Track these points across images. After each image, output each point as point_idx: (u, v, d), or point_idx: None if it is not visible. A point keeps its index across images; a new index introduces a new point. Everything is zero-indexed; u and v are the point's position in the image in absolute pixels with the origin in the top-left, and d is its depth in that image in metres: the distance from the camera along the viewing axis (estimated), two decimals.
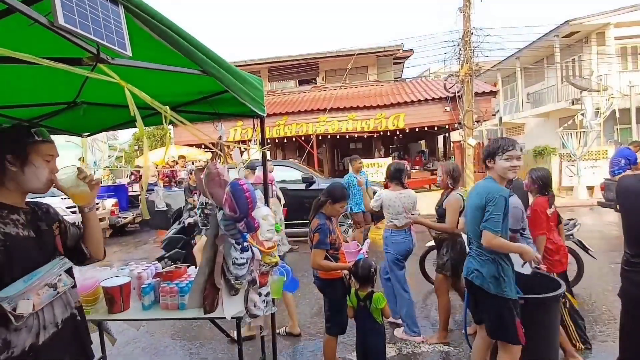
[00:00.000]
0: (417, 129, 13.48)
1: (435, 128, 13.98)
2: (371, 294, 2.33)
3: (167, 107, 1.41)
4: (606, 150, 11.20)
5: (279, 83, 17.76)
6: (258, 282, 1.97)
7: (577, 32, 14.97)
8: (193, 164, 9.94)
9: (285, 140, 14.19)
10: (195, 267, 2.59)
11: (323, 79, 17.26)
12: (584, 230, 7.56)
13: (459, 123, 12.13)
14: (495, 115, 15.10)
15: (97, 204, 8.36)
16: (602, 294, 3.97)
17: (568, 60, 16.22)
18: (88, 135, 2.98)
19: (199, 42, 1.52)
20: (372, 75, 16.93)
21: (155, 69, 1.46)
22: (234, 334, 2.32)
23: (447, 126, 13.73)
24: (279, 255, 2.51)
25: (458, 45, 11.86)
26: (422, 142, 20.53)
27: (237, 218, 1.60)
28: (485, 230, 2.01)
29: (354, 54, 14.68)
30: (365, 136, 13.91)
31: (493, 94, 13.39)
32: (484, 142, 14.57)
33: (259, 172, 4.01)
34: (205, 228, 2.34)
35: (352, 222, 7.02)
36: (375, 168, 13.34)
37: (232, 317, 1.99)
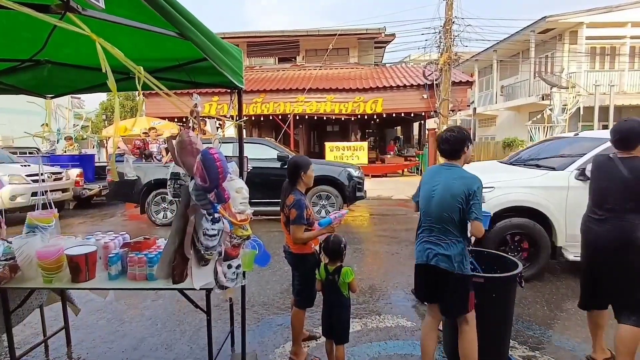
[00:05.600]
0: (394, 115, 13.61)
1: (412, 115, 14.17)
2: (340, 268, 2.39)
3: (141, 67, 1.35)
4: None
5: (258, 59, 17.31)
6: (227, 254, 1.97)
7: (553, 29, 15.43)
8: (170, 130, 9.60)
9: (261, 119, 13.96)
10: None
11: (303, 58, 16.97)
12: None
13: (435, 111, 12.34)
14: (470, 105, 15.47)
15: (60, 173, 7.99)
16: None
17: (542, 56, 16.74)
18: (52, 97, 2.82)
19: (177, 3, 1.46)
20: (352, 57, 16.80)
21: (130, 26, 1.39)
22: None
23: (423, 113, 13.95)
24: None
25: (439, 33, 11.93)
26: (398, 128, 20.82)
27: (207, 188, 1.58)
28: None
29: (335, 34, 14.47)
30: (342, 119, 13.91)
31: (469, 84, 13.67)
32: None
33: None
34: (177, 200, 2.30)
35: (325, 203, 7.09)
36: (351, 151, 13.45)
37: (201, 288, 1.99)
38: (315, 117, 13.63)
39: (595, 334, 2.61)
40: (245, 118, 2.75)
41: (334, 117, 13.67)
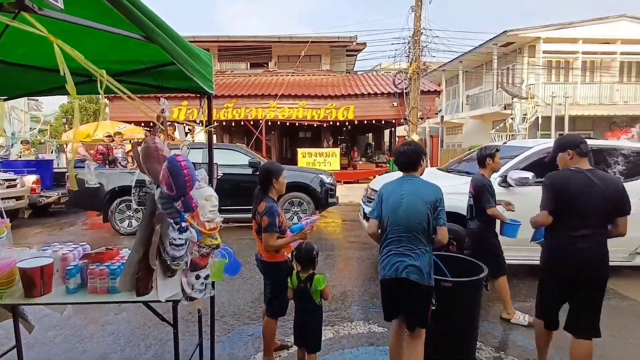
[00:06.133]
0: (365, 122, 13.81)
1: (383, 122, 14.44)
2: (312, 275, 2.38)
3: (104, 71, 1.30)
4: None
5: (230, 64, 17.10)
6: (195, 264, 1.91)
7: (513, 42, 16.31)
8: (130, 142, 9.29)
9: (233, 124, 13.75)
10: None
11: (275, 64, 16.93)
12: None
13: (405, 119, 12.65)
14: (437, 113, 15.98)
15: (14, 179, 7.50)
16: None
17: (504, 68, 17.62)
18: (6, 99, 2.65)
19: (143, 4, 1.41)
20: (325, 64, 16.95)
21: (91, 28, 1.33)
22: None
23: (393, 121, 14.24)
24: None
25: (408, 43, 12.29)
26: (370, 135, 21.16)
27: (174, 196, 1.52)
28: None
29: (308, 41, 14.57)
30: (315, 125, 13.95)
31: (437, 93, 14.11)
32: (427, 138, 15.36)
33: None
34: (142, 208, 2.21)
35: (298, 209, 7.06)
36: (323, 158, 13.50)
37: (167, 300, 1.91)
38: (288, 123, 13.59)
39: (543, 346, 2.59)
40: (215, 124, 2.70)
41: (306, 124, 13.69)
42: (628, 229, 2.34)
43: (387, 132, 19.04)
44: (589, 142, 2.57)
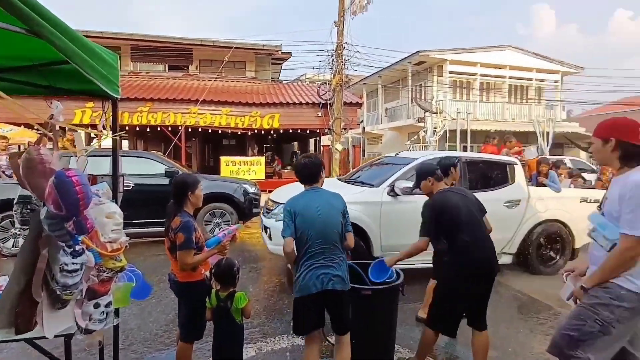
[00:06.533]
0: (290, 131, 13.87)
1: (308, 131, 14.67)
2: (233, 293, 2.26)
3: None
4: None
5: (145, 65, 15.87)
6: (94, 291, 1.67)
7: (425, 62, 17.94)
8: (20, 148, 8.07)
9: (148, 130, 12.73)
10: None
11: (197, 68, 16.19)
12: None
13: (329, 128, 13.01)
14: (359, 124, 16.77)
15: None
16: None
17: (417, 84, 19.25)
18: None
19: None
20: (249, 72, 16.69)
21: None
22: None
23: (318, 130, 14.56)
24: None
25: (332, 56, 12.72)
26: (295, 143, 21.34)
27: (64, 217, 1.31)
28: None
29: (231, 47, 14.20)
30: (239, 133, 13.61)
31: (359, 105, 14.80)
32: (349, 148, 15.96)
33: None
34: (25, 228, 1.88)
35: (220, 221, 6.76)
36: (248, 166, 13.21)
37: (57, 335, 1.64)
38: (210, 130, 13.03)
39: (431, 348, 2.75)
40: (124, 131, 2.43)
41: (230, 131, 13.28)
42: (495, 232, 2.78)
43: (312, 141, 19.38)
44: (467, 154, 2.92)
